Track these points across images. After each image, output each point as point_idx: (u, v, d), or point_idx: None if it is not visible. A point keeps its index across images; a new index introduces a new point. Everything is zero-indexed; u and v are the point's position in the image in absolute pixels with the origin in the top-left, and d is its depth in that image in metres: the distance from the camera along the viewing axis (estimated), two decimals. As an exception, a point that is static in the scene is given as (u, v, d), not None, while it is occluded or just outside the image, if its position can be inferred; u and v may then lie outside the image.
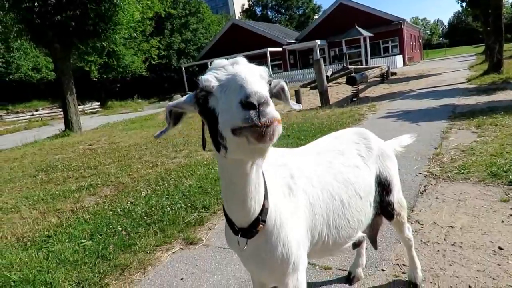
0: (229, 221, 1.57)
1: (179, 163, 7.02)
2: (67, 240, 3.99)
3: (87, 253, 3.62)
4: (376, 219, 2.23)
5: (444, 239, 3.19)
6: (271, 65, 33.48)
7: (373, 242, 2.43)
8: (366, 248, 2.86)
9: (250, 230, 1.51)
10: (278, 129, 1.10)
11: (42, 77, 27.53)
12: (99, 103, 30.19)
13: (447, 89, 12.89)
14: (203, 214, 4.33)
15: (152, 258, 3.47)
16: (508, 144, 5.42)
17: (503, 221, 3.34)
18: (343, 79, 24.66)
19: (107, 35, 13.53)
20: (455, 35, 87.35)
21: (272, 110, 1.08)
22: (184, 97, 1.49)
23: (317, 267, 2.98)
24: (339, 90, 17.82)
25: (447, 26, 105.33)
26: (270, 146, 1.14)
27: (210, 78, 1.24)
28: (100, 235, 4.01)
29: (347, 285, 2.74)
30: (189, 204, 4.62)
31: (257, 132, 1.07)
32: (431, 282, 2.63)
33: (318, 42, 32.09)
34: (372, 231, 2.30)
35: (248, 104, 1.05)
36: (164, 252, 3.59)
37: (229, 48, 33.67)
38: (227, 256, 3.38)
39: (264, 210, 1.49)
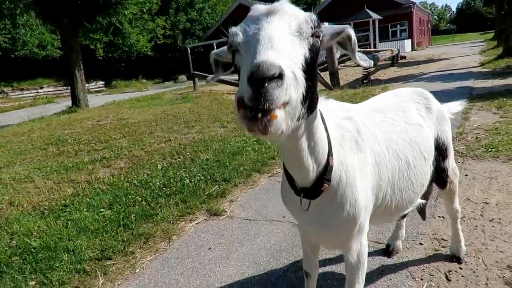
0: (290, 181, 1.44)
1: (193, 138, 6.89)
2: (85, 209, 3.90)
3: (107, 222, 3.52)
4: (428, 186, 2.10)
5: (481, 215, 3.07)
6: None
7: (422, 212, 2.31)
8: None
9: (314, 190, 1.38)
10: (273, 123, 0.88)
11: (48, 54, 27.12)
12: (103, 82, 29.84)
13: (460, 73, 12.62)
14: (224, 187, 4.22)
15: (176, 228, 3.37)
16: (534, 125, 5.26)
17: (540, 198, 3.22)
18: (351, 62, 24.35)
19: (116, 10, 13.17)
20: (463, 21, 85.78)
21: (280, 93, 0.86)
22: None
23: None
24: (348, 73, 17.51)
25: (455, 12, 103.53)
26: (271, 136, 0.91)
27: (238, 32, 1.06)
28: (119, 205, 3.91)
29: (385, 257, 2.63)
30: (209, 177, 4.50)
31: (246, 118, 0.88)
32: (474, 257, 2.52)
33: (326, 24, 31.33)
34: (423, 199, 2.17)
35: (251, 79, 0.85)
36: (188, 223, 3.48)
37: (235, 29, 33.09)
38: (254, 228, 3.27)
39: (328, 168, 1.36)
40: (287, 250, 2.83)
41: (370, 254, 2.68)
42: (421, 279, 2.36)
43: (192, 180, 4.43)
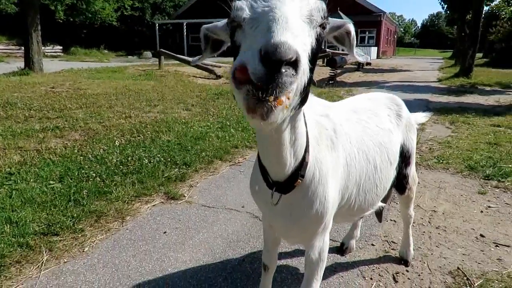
0: (263, 173, 1.40)
1: (155, 117, 6.66)
2: (32, 180, 3.64)
3: (56, 195, 3.32)
4: (389, 191, 2.17)
5: (429, 222, 3.25)
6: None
7: (379, 215, 2.38)
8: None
9: (287, 185, 1.36)
10: (277, 110, 0.86)
11: (1, 8, 24.93)
12: (61, 47, 27.94)
13: (420, 85, 13.27)
14: (184, 171, 4.12)
15: (131, 209, 3.24)
16: (481, 142, 5.64)
17: (482, 211, 3.46)
18: (319, 61, 24.73)
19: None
20: (426, 36, 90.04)
21: (294, 80, 0.84)
22: (221, 22, 1.29)
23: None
24: (315, 71, 17.79)
25: (420, 27, 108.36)
26: (267, 123, 0.88)
27: (243, 7, 0.99)
28: (71, 178, 3.70)
29: (338, 255, 2.70)
30: (169, 159, 4.38)
31: (248, 101, 0.85)
32: (420, 261, 2.66)
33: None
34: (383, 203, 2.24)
35: (265, 58, 0.80)
36: (143, 204, 3.37)
37: (209, 11, 32.38)
38: (212, 215, 3.23)
39: (304, 164, 1.34)
40: (244, 241, 2.83)
41: (324, 250, 2.74)
42: (371, 278, 2.45)
43: (151, 161, 4.29)
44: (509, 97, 10.62)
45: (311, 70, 0.99)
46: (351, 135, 1.65)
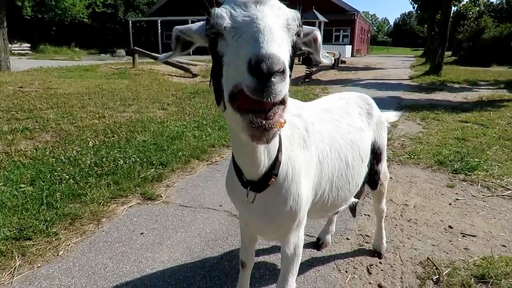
0: (238, 173, 1.43)
1: (129, 117, 6.56)
2: (2, 183, 3.52)
3: (28, 199, 3.23)
4: (361, 186, 2.24)
5: (401, 215, 3.37)
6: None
7: (353, 210, 2.46)
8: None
9: (261, 183, 1.39)
10: (276, 133, 0.92)
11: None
12: (29, 45, 26.93)
13: (393, 83, 13.62)
14: (161, 171, 4.09)
15: (106, 211, 3.20)
16: (450, 138, 5.88)
17: (450, 204, 3.61)
18: (295, 59, 24.96)
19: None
20: (399, 35, 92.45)
21: (284, 88, 0.87)
22: (196, 24, 1.30)
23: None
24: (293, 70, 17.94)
25: (392, 26, 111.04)
26: (267, 141, 0.93)
27: (224, 15, 1.00)
28: (43, 181, 3.60)
29: (315, 250, 2.77)
30: (145, 160, 4.34)
31: (254, 131, 0.89)
32: (392, 253, 2.76)
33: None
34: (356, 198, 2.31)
35: (255, 69, 0.83)
36: (120, 205, 3.33)
37: (184, 9, 32.04)
38: (190, 215, 3.23)
39: (277, 163, 1.38)
40: (222, 239, 2.85)
41: (301, 246, 2.80)
42: (346, 271, 2.53)
43: (127, 162, 4.23)
44: (476, 94, 11.07)
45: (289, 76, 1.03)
46: (323, 134, 1.70)
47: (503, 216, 3.34)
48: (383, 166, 2.31)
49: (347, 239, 2.95)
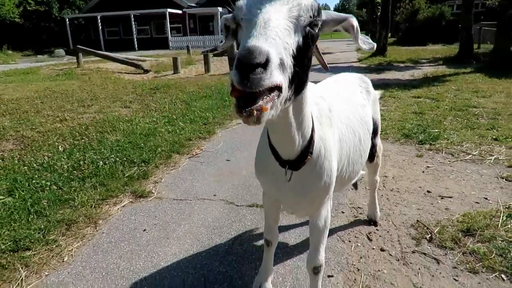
0: (275, 154, 1.51)
1: (93, 118, 6.29)
2: (-25, 197, 3.29)
3: (12, 210, 3.06)
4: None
5: (384, 186, 3.62)
6: (170, 28, 31.77)
7: (355, 184, 2.62)
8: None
9: (298, 162, 1.48)
10: (264, 115, 0.95)
11: None
12: (-47, 49, 24.62)
13: (344, 66, 14.17)
14: (144, 168, 4.03)
15: (100, 213, 3.12)
16: (409, 113, 6.32)
17: (423, 171, 3.94)
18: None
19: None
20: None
21: (266, 78, 0.90)
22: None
23: (284, 212, 3.09)
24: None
25: (332, 11, 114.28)
26: (263, 124, 0.99)
27: (242, 6, 1.07)
28: (23, 190, 3.41)
29: (316, 226, 2.91)
30: (124, 159, 4.23)
31: (239, 111, 0.94)
32: (385, 220, 2.99)
33: (220, 9, 31.52)
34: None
35: (237, 62, 0.89)
36: (112, 206, 3.26)
37: (124, 3, 30.74)
38: (187, 207, 3.25)
39: (312, 142, 1.47)
40: (227, 226, 2.91)
41: (302, 224, 2.94)
42: (349, 241, 2.71)
43: (107, 162, 4.11)
44: (421, 71, 11.87)
45: (300, 64, 1.07)
46: (340, 113, 1.82)
47: (470, 177, 3.71)
48: (379, 139, 2.50)
49: (342, 212, 3.13)
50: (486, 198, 3.23)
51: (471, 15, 14.05)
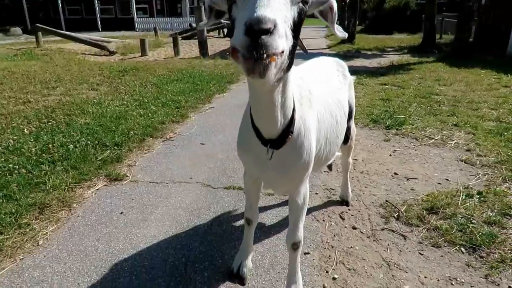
0: (257, 133, 1.56)
1: (59, 100, 6.06)
2: None
3: (-22, 194, 2.94)
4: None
5: (354, 169, 3.78)
6: (136, 8, 30.65)
7: (329, 165, 2.73)
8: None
9: (279, 141, 1.54)
10: (271, 67, 1.02)
11: None
12: None
13: (315, 53, 14.23)
14: (117, 151, 3.96)
15: (74, 196, 3.07)
16: (376, 99, 6.55)
17: (390, 155, 4.15)
18: (215, 33, 24.60)
19: None
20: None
21: (274, 42, 0.97)
22: None
23: (261, 193, 3.17)
24: (214, 43, 17.78)
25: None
26: (265, 80, 1.06)
27: None
28: (-12, 174, 3.28)
29: (291, 206, 3.02)
30: (96, 142, 4.14)
31: (246, 64, 1.01)
32: (356, 200, 3.15)
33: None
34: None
35: (248, 29, 0.95)
36: (86, 189, 3.20)
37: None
38: (164, 190, 3.25)
39: (293, 122, 1.53)
40: (205, 208, 2.95)
41: (279, 205, 3.04)
42: (323, 220, 2.84)
43: (77, 145, 4.00)
44: (387, 59, 12.23)
45: (295, 38, 1.15)
46: (319, 95, 1.89)
47: (432, 160, 3.94)
48: (353, 123, 2.61)
49: (316, 193, 3.26)
50: (447, 179, 3.46)
51: (434, 6, 14.57)
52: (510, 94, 6.76)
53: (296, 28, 1.15)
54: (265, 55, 0.98)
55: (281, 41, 1.00)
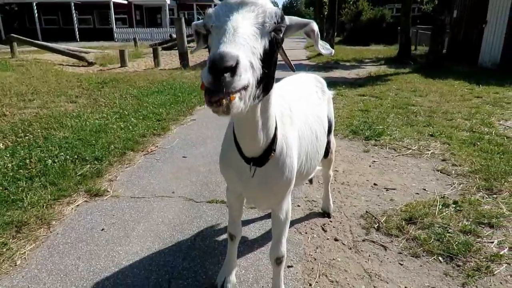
0: (240, 151, 1.59)
1: (36, 113, 5.92)
2: None
3: (-49, 213, 2.84)
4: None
5: (335, 180, 3.85)
6: (115, 18, 30.39)
7: (310, 179, 2.78)
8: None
9: (262, 159, 1.57)
10: (234, 103, 1.01)
11: None
12: None
13: (295, 64, 14.12)
14: (98, 166, 3.91)
15: (53, 213, 3.00)
16: (356, 110, 6.70)
17: (370, 166, 4.24)
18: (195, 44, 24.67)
19: None
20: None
21: (234, 82, 0.98)
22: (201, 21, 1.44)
23: (244, 207, 3.18)
24: (195, 54, 17.79)
25: (281, 8, 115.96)
26: (231, 115, 1.06)
27: (212, 15, 1.17)
28: (-38, 192, 3.17)
29: (274, 219, 3.04)
30: (75, 156, 4.07)
31: (210, 103, 1.02)
32: (338, 212, 3.20)
33: (168, 1, 30.75)
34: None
35: (211, 68, 0.96)
36: (65, 206, 3.14)
37: (63, -10, 28.83)
38: (146, 205, 3.22)
39: (275, 140, 1.57)
40: (188, 223, 2.94)
41: (262, 218, 3.06)
42: (306, 232, 2.87)
43: (56, 160, 3.92)
44: (365, 70, 12.55)
45: (267, 66, 1.17)
46: (299, 112, 1.94)
47: (410, 171, 4.06)
48: (332, 137, 2.67)
49: (298, 206, 3.30)
50: (424, 189, 3.57)
51: (409, 19, 15.09)
52: (482, 105, 7.05)
53: (269, 57, 1.18)
54: (225, 93, 0.98)
55: (245, 76, 1.01)
